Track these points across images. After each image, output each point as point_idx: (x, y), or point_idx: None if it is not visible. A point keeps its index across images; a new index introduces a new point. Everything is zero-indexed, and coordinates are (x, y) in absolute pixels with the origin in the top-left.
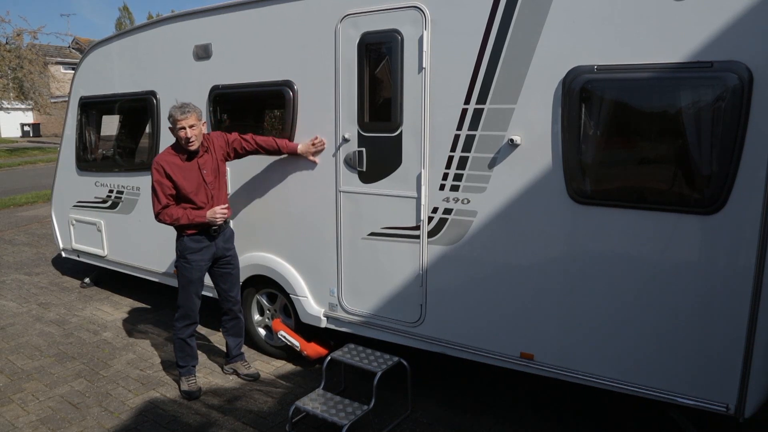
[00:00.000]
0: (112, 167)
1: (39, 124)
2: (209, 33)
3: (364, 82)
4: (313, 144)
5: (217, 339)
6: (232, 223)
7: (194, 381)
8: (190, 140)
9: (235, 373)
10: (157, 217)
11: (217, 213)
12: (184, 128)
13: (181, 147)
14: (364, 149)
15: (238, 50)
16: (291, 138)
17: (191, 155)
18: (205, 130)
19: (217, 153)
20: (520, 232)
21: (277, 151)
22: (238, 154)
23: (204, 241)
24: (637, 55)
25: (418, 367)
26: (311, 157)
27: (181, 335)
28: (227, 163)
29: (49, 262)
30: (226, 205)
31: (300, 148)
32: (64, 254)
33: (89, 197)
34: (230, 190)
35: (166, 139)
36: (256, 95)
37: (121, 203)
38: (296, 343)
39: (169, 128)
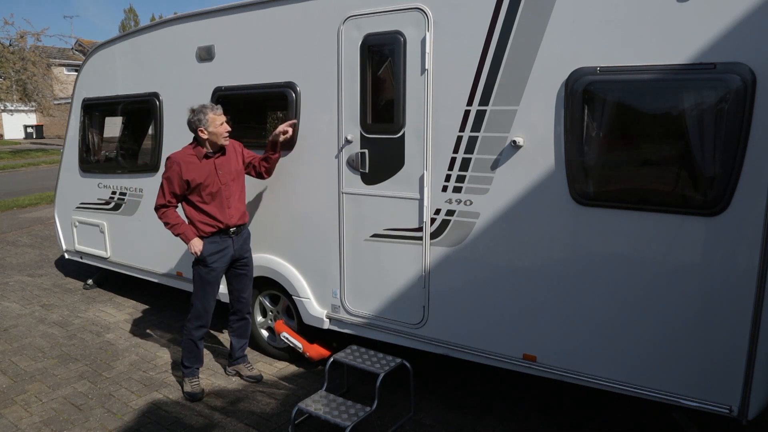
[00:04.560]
0: (115, 169)
1: (42, 125)
2: (212, 35)
3: (367, 83)
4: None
5: (219, 340)
6: None
7: (197, 382)
8: (228, 132)
9: (238, 374)
10: (156, 210)
11: (196, 247)
12: (223, 123)
13: (198, 146)
14: (366, 151)
15: (241, 52)
16: (293, 139)
17: (209, 154)
18: None
19: (238, 157)
20: (523, 233)
21: (267, 159)
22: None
23: (223, 243)
24: (640, 57)
25: (421, 368)
26: (282, 135)
27: (193, 336)
28: None
29: (52, 263)
30: (201, 246)
31: (271, 137)
32: (67, 256)
33: (92, 199)
34: None
35: (169, 141)
36: (258, 97)
37: (124, 205)
38: (299, 345)
39: (201, 130)
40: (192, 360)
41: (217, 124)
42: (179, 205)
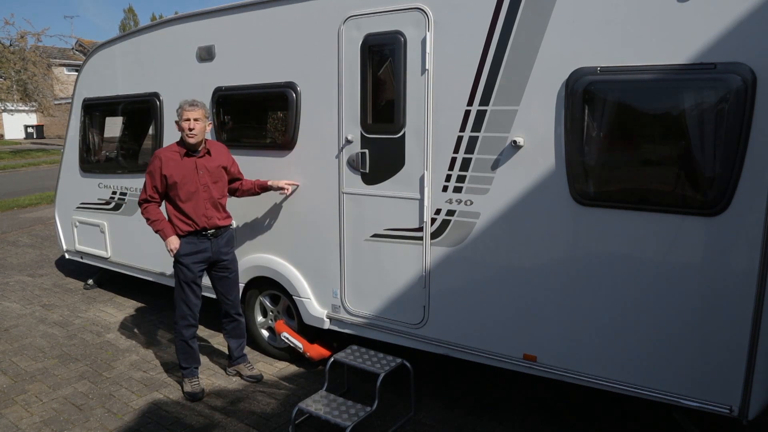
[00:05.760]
0: (115, 169)
1: (42, 125)
2: (212, 35)
3: (367, 83)
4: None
5: (220, 341)
6: (234, 225)
7: (197, 382)
8: (192, 131)
9: (238, 374)
10: (139, 204)
11: (172, 245)
12: (188, 119)
13: (183, 143)
14: (366, 151)
15: (241, 52)
16: (294, 138)
17: (190, 153)
18: (209, 130)
19: (222, 160)
20: (523, 233)
21: (251, 193)
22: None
23: (199, 245)
24: (640, 57)
25: (421, 368)
26: (283, 188)
27: (182, 337)
28: None
29: (53, 263)
30: (177, 244)
31: (271, 182)
32: (67, 256)
33: (92, 199)
34: None
35: (170, 141)
36: (259, 97)
37: (124, 205)
38: (299, 345)
39: (175, 121)
40: (188, 360)
41: (183, 118)
42: (162, 201)
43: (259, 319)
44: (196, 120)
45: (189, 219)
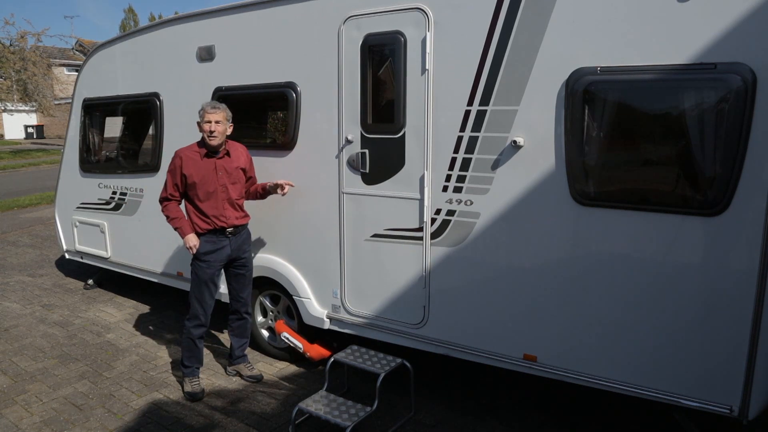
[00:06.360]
0: (115, 169)
1: (43, 125)
2: (213, 35)
3: (367, 83)
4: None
5: (221, 341)
6: None
7: (197, 382)
8: (213, 133)
9: (238, 374)
10: (160, 202)
11: (190, 243)
12: (209, 122)
13: (203, 143)
14: (367, 151)
15: (241, 52)
16: (294, 139)
17: (210, 154)
18: (229, 131)
19: (240, 162)
20: (523, 233)
21: (255, 194)
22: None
23: (219, 243)
24: (641, 57)
25: (421, 368)
26: (280, 186)
27: (191, 335)
28: None
29: (53, 263)
30: (196, 241)
31: (269, 184)
32: (67, 256)
33: (93, 199)
34: None
35: (170, 141)
36: (259, 97)
37: (124, 205)
38: (299, 345)
39: (197, 122)
40: (192, 359)
41: (204, 120)
42: (182, 200)
43: (259, 319)
44: (217, 122)
45: (207, 218)
